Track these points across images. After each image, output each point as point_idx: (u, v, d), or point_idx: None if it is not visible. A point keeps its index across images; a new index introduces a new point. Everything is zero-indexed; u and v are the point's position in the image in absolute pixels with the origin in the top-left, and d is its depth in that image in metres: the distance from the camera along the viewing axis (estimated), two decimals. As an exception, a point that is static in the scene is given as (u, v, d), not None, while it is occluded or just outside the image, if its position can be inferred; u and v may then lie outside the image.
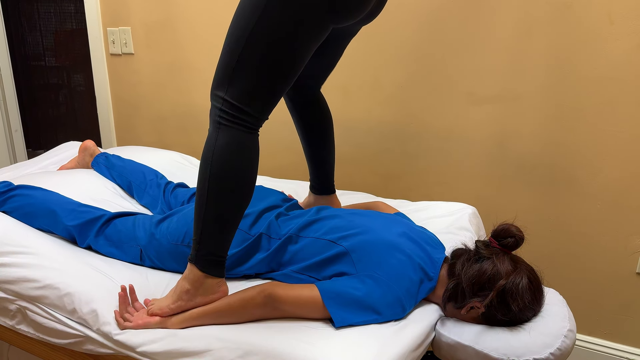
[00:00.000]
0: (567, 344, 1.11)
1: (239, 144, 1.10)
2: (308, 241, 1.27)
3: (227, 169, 1.09)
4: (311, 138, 1.55)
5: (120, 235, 1.43)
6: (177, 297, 1.15)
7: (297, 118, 1.55)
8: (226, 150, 1.09)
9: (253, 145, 1.12)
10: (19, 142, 3.22)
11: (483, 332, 1.14)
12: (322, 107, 1.54)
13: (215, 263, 1.14)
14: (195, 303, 1.15)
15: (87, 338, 1.22)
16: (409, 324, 1.14)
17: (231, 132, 1.09)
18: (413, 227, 1.32)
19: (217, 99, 1.11)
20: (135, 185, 1.77)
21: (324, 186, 1.62)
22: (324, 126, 1.55)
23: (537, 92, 1.75)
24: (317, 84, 1.51)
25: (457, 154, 1.93)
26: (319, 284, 1.15)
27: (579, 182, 1.76)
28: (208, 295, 1.15)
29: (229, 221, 1.12)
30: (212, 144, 1.11)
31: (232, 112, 1.09)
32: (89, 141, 1.95)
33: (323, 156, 1.58)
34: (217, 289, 1.16)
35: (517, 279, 1.13)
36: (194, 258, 1.14)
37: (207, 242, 1.12)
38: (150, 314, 1.17)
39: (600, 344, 1.87)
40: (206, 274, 1.14)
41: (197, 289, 1.14)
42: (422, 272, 1.20)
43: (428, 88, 1.92)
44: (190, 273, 1.14)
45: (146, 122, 2.65)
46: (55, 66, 4.09)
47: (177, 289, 1.17)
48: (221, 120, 1.10)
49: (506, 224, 1.19)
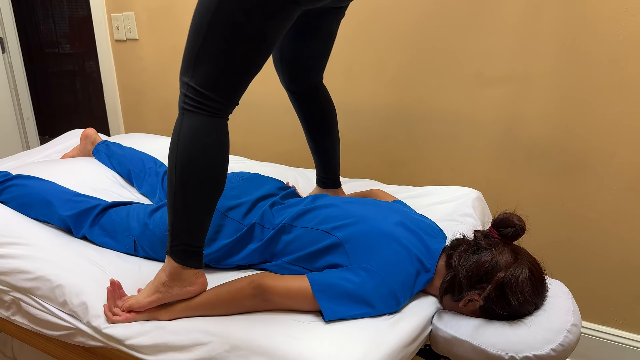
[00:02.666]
0: (570, 340, 1.05)
1: (204, 129, 1.06)
2: (301, 231, 1.23)
3: (192, 154, 1.06)
4: (314, 131, 1.51)
5: (115, 225, 1.41)
6: (155, 289, 1.13)
7: (298, 110, 1.51)
8: (190, 135, 1.06)
9: (220, 131, 1.09)
10: (31, 129, 3.23)
11: (481, 326, 1.09)
12: (324, 98, 1.50)
13: (191, 254, 1.11)
14: (172, 295, 1.12)
15: (77, 330, 1.21)
16: (404, 318, 1.10)
17: (195, 117, 1.06)
18: (411, 216, 1.27)
19: (183, 84, 1.09)
20: (134, 174, 1.75)
21: (328, 179, 1.58)
22: (327, 118, 1.51)
23: (548, 72, 1.68)
24: (315, 74, 1.45)
25: (465, 138, 1.87)
26: (309, 275, 1.11)
27: (592, 167, 1.69)
28: (185, 287, 1.12)
29: (199, 210, 1.09)
30: (177, 130, 1.08)
31: (196, 97, 1.06)
32: (90, 129, 1.93)
33: (327, 149, 1.54)
34: (194, 281, 1.12)
35: (517, 271, 1.07)
36: (169, 250, 1.11)
37: (179, 233, 1.10)
38: (127, 308, 1.14)
39: (615, 333, 1.82)
40: (182, 266, 1.11)
41: (173, 280, 1.11)
42: (419, 263, 1.15)
43: (434, 69, 1.86)
44: (168, 265, 1.12)
45: (152, 109, 2.63)
46: (69, 53, 4.10)
47: (154, 281, 1.14)
48: (185, 106, 1.07)
49: (507, 213, 1.13)
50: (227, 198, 1.34)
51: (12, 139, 3.08)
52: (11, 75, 3.05)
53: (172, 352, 1.07)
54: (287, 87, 1.48)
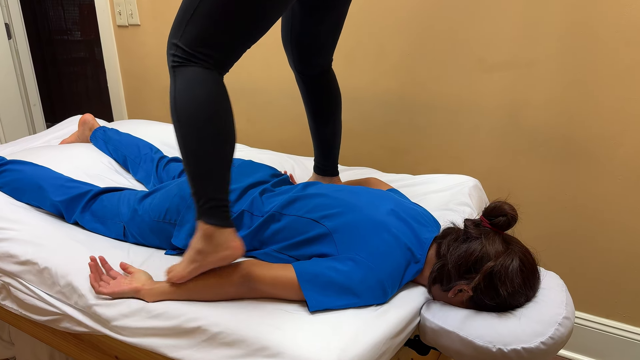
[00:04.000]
0: (561, 333, 1.02)
1: (198, 78, 1.01)
2: (291, 219, 1.21)
3: (192, 104, 1.00)
4: (318, 116, 1.48)
5: (105, 211, 1.40)
6: (191, 260, 1.07)
7: (304, 93, 1.48)
8: (186, 87, 1.00)
9: (217, 81, 1.02)
10: (38, 116, 3.25)
11: (469, 317, 1.06)
12: (332, 83, 1.47)
13: (217, 209, 1.03)
14: (208, 263, 1.06)
15: (64, 315, 1.21)
16: (391, 309, 1.07)
17: (187, 70, 1.01)
18: (402, 204, 1.24)
19: (171, 46, 1.04)
20: (130, 160, 1.74)
21: (326, 167, 1.56)
22: (332, 104, 1.48)
23: (552, 57, 1.63)
24: (325, 54, 1.42)
25: (467, 126, 1.83)
26: (295, 265, 1.09)
27: (597, 156, 1.64)
28: (219, 252, 1.04)
29: (213, 159, 1.02)
30: (172, 91, 1.03)
31: (184, 55, 1.02)
32: (87, 115, 1.92)
33: (328, 135, 1.51)
34: (228, 244, 1.04)
35: (507, 261, 1.04)
36: (198, 213, 1.04)
37: (201, 190, 1.03)
38: (169, 280, 1.10)
39: (619, 327, 1.78)
40: (213, 225, 1.03)
41: (207, 245, 1.04)
42: (409, 253, 1.13)
43: (436, 55, 1.82)
44: (199, 231, 1.05)
45: (155, 95, 2.62)
46: (78, 40, 4.10)
47: (190, 250, 1.08)
48: (174, 64, 1.03)
49: (499, 202, 1.09)
50: (216, 184, 1.32)
51: (19, 126, 3.10)
52: (17, 62, 3.06)
53: (156, 337, 1.07)
54: (295, 67, 1.44)
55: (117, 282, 1.15)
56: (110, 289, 1.12)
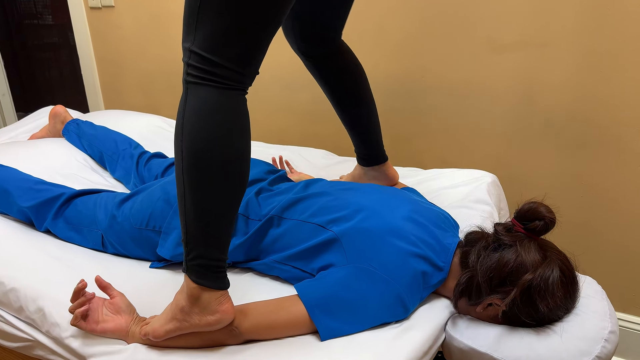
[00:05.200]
0: (608, 350, 0.90)
1: (213, 105, 0.82)
2: (292, 224, 1.07)
3: (200, 141, 0.82)
4: (343, 99, 1.28)
5: (80, 217, 1.24)
6: (172, 316, 0.91)
7: (319, 78, 1.28)
8: (196, 114, 0.82)
9: (234, 106, 0.84)
10: (8, 106, 3.06)
11: (503, 335, 0.93)
12: (348, 57, 1.27)
13: (209, 269, 0.87)
14: (190, 325, 0.89)
15: (36, 342, 1.05)
16: (413, 327, 0.94)
17: (202, 90, 0.82)
18: (420, 205, 1.10)
19: (185, 52, 0.85)
20: (107, 156, 1.57)
21: (371, 156, 1.36)
22: (356, 82, 1.28)
23: (568, 36, 1.51)
24: (333, 30, 1.23)
25: (476, 111, 1.71)
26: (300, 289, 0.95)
27: (617, 141, 1.53)
28: (205, 316, 0.88)
29: (217, 213, 0.85)
30: (181, 111, 0.84)
31: (202, 65, 0.82)
32: (59, 106, 1.75)
33: (362, 118, 1.31)
34: (216, 308, 0.88)
35: (547, 272, 0.91)
36: (185, 266, 0.88)
37: (193, 242, 0.86)
38: (144, 334, 0.93)
39: (636, 321, 1.68)
40: (201, 286, 0.87)
41: (192, 305, 0.88)
42: (429, 262, 0.99)
43: (441, 35, 1.69)
44: (185, 286, 0.89)
45: (133, 83, 2.45)
46: (50, 24, 3.88)
47: (172, 304, 0.92)
48: (189, 79, 0.83)
49: (533, 203, 0.96)
50: (206, 185, 1.17)
51: (-13, 117, 2.90)
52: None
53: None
54: (302, 49, 1.25)
55: (94, 314, 0.97)
56: (90, 327, 0.95)
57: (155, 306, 1.03)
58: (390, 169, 1.38)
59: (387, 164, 1.37)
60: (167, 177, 1.28)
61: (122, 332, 0.96)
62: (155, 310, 1.01)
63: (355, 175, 1.41)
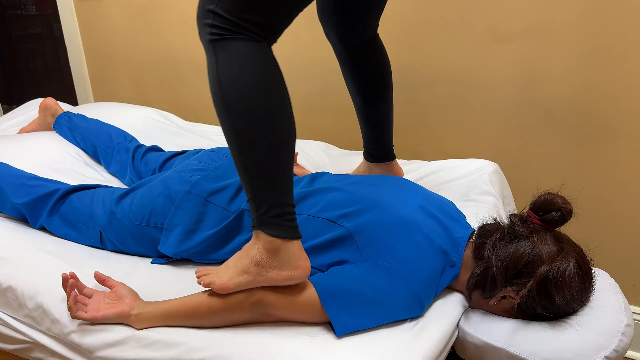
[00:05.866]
0: (624, 344, 0.89)
1: (248, 55, 0.81)
2: (301, 219, 1.03)
3: (244, 88, 0.80)
4: (368, 92, 1.25)
5: (77, 213, 1.20)
6: (244, 269, 0.88)
7: (349, 66, 1.24)
8: (233, 66, 0.81)
9: (267, 54, 0.83)
10: (-8, 99, 2.96)
11: (518, 330, 0.92)
12: (381, 50, 1.25)
13: (284, 218, 0.86)
14: (266, 279, 0.87)
15: (35, 344, 1.02)
16: (428, 324, 0.92)
17: (232, 44, 0.81)
18: (430, 196, 1.07)
19: (206, 14, 0.82)
20: (101, 150, 1.53)
21: (381, 152, 1.33)
22: (382, 75, 1.25)
23: (572, 25, 1.49)
24: (374, 15, 1.20)
25: (476, 102, 1.68)
26: (314, 280, 0.92)
27: (619, 132, 1.52)
28: (285, 270, 0.87)
29: (277, 155, 0.83)
30: (214, 69, 0.82)
31: (227, 25, 0.81)
32: (49, 99, 1.69)
33: (380, 114, 1.28)
34: (296, 263, 0.87)
35: (564, 264, 0.89)
36: (257, 223, 0.86)
37: (262, 195, 0.84)
38: (207, 283, 0.89)
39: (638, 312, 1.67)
40: (280, 238, 0.85)
41: (271, 259, 0.86)
42: (444, 256, 0.97)
43: (441, 24, 1.66)
44: (258, 242, 0.87)
45: (123, 74, 2.39)
46: (34, 15, 3.79)
47: (242, 258, 0.89)
48: (213, 37, 0.82)
49: (549, 194, 0.94)
50: (209, 180, 1.14)
51: (-29, 111, 2.82)
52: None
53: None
54: (338, 35, 1.21)
55: (96, 304, 0.95)
56: (91, 314, 0.92)
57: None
58: (396, 167, 1.35)
59: (394, 162, 1.35)
60: (166, 172, 1.24)
61: (125, 315, 0.93)
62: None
63: (361, 171, 1.38)
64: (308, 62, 1.91)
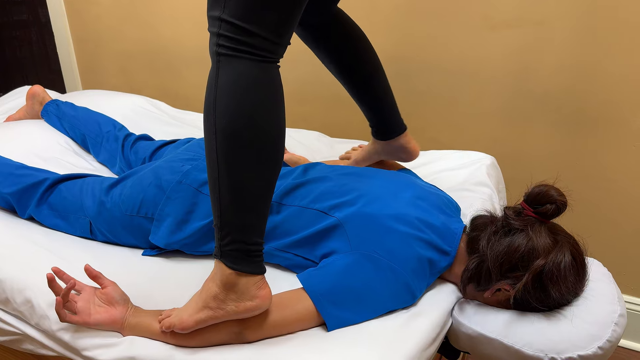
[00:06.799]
0: (618, 334, 0.90)
1: (250, 77, 0.77)
2: (293, 210, 1.03)
3: (236, 115, 0.77)
4: (348, 68, 1.17)
5: (66, 203, 1.18)
6: (203, 304, 0.85)
7: (322, 49, 1.17)
8: (231, 89, 0.77)
9: (272, 80, 0.80)
10: (-22, 87, 2.91)
11: (512, 321, 0.92)
12: (348, 24, 1.16)
13: (247, 254, 0.82)
14: (226, 312, 0.84)
15: (24, 336, 1.00)
16: (420, 314, 0.92)
17: (236, 63, 0.77)
18: (423, 189, 1.07)
19: (213, 22, 0.78)
20: (90, 139, 1.50)
21: (391, 126, 1.23)
22: (362, 46, 1.16)
23: (566, 14, 1.48)
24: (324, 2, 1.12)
25: (470, 92, 1.68)
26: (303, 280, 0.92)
27: (613, 120, 1.52)
28: (243, 302, 0.83)
29: (256, 194, 0.80)
30: (213, 84, 0.78)
31: (235, 35, 0.76)
32: (36, 86, 1.66)
33: (373, 87, 1.19)
34: (255, 293, 0.83)
35: (559, 257, 0.89)
36: (218, 252, 0.83)
37: (230, 226, 0.81)
38: (167, 326, 0.86)
39: (628, 300, 1.70)
40: (238, 272, 0.82)
41: (228, 292, 0.83)
42: (434, 247, 0.96)
43: (434, 12, 1.65)
44: (218, 272, 0.83)
45: (112, 61, 2.35)
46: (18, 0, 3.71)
47: (202, 292, 0.86)
48: (220, 50, 0.77)
49: (544, 186, 0.94)
50: (200, 170, 1.12)
51: (-44, 98, 2.77)
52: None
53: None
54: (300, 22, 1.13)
55: (86, 305, 0.91)
56: (82, 319, 0.89)
57: (150, 295, 0.98)
58: (411, 141, 1.26)
59: (406, 135, 1.25)
60: (157, 161, 1.22)
61: (117, 324, 0.91)
62: (151, 300, 0.97)
63: (370, 150, 1.30)
64: (301, 51, 1.89)
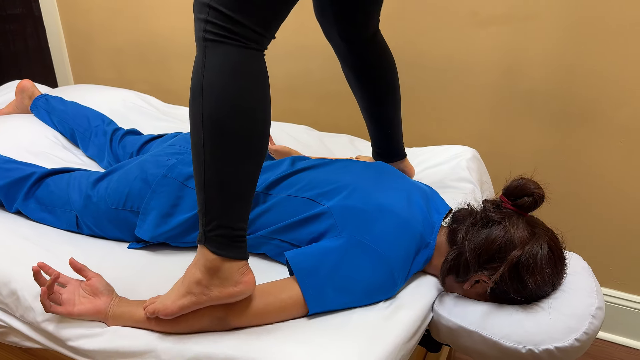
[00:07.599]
0: (595, 326, 0.91)
1: (237, 63, 0.77)
2: (279, 199, 1.03)
3: (224, 100, 0.77)
4: (371, 92, 1.20)
5: (53, 197, 1.18)
6: (186, 290, 0.85)
7: (349, 65, 1.20)
8: (218, 74, 0.77)
9: (258, 67, 0.80)
10: (-30, 81, 2.91)
11: (491, 313, 0.93)
12: (383, 48, 1.19)
13: (232, 240, 0.82)
14: (209, 298, 0.84)
15: (9, 328, 1.01)
16: (402, 307, 0.93)
17: (223, 48, 0.77)
18: (407, 181, 1.08)
19: (202, 8, 0.77)
20: (78, 133, 1.51)
21: (392, 151, 1.28)
22: (389, 74, 1.20)
23: (553, 10, 1.48)
24: (371, 13, 1.13)
25: (457, 86, 1.68)
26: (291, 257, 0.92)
27: (599, 117, 1.52)
28: (227, 287, 0.83)
29: (238, 177, 0.80)
30: (200, 70, 0.78)
31: (223, 23, 0.76)
32: (26, 81, 1.66)
33: (389, 114, 1.23)
34: (238, 278, 0.83)
35: (535, 248, 0.91)
36: (202, 237, 0.83)
37: (215, 212, 0.81)
38: (152, 312, 0.87)
39: (613, 295, 1.71)
40: (222, 257, 0.82)
41: (211, 277, 0.83)
42: (420, 238, 0.97)
43: (422, 8, 1.64)
44: (201, 257, 0.83)
45: (104, 55, 2.35)
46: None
47: (185, 278, 0.86)
48: (208, 35, 0.77)
49: (522, 179, 0.95)
50: (185, 163, 1.13)
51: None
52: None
53: (122, 359, 0.88)
54: (339, 33, 1.15)
55: (70, 295, 0.93)
56: (66, 309, 0.90)
57: (136, 288, 0.99)
58: (408, 165, 1.32)
59: (405, 161, 1.31)
60: (143, 155, 1.23)
61: (101, 314, 0.92)
62: (136, 292, 0.98)
63: None
64: (292, 46, 1.89)
